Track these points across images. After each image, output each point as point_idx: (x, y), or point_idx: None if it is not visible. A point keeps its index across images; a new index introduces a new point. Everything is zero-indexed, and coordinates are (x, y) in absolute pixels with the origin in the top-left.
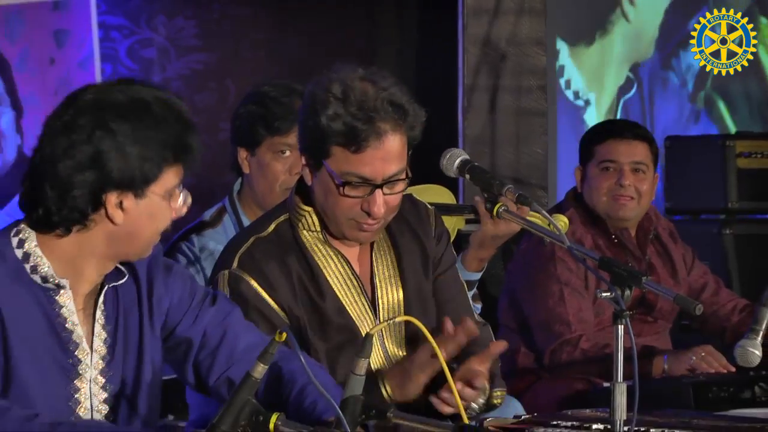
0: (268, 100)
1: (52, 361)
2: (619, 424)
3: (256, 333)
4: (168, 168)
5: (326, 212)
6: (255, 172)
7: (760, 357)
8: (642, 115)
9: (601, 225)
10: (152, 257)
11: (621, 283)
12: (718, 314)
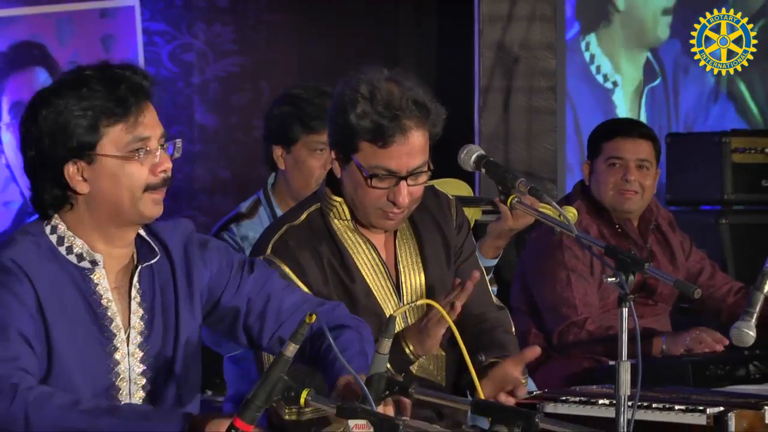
0: (302, 101)
1: (90, 337)
2: (624, 399)
3: (297, 292)
4: (108, 128)
5: (355, 202)
6: (291, 168)
7: (754, 337)
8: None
9: (606, 215)
10: (186, 237)
11: (625, 269)
12: (714, 296)
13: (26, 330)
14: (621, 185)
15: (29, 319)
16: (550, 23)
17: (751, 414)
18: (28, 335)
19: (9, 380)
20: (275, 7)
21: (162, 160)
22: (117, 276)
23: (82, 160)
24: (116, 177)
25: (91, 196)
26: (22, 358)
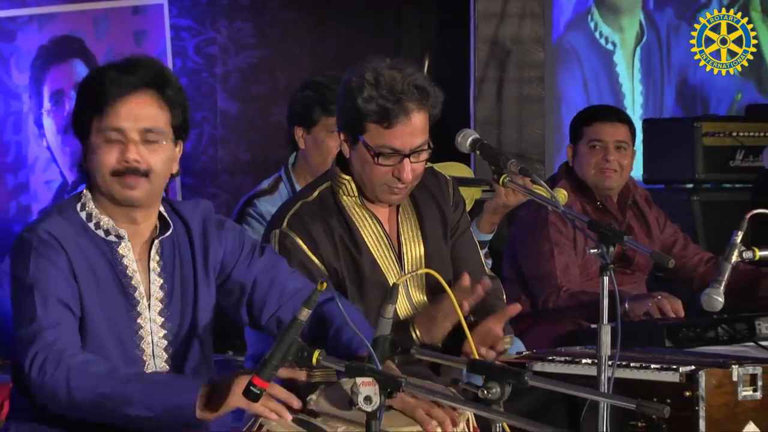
0: (323, 87)
1: (118, 303)
2: (604, 359)
3: (300, 279)
4: (91, 115)
5: (363, 179)
6: (311, 148)
7: (723, 303)
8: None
9: (589, 193)
10: (205, 216)
11: (606, 241)
12: (686, 266)
13: (65, 295)
14: (602, 165)
15: (66, 285)
16: (539, 20)
17: (719, 372)
18: (67, 300)
19: (54, 346)
20: (290, 6)
21: (130, 150)
22: (141, 249)
23: (85, 139)
24: (95, 154)
25: (90, 169)
26: (63, 323)
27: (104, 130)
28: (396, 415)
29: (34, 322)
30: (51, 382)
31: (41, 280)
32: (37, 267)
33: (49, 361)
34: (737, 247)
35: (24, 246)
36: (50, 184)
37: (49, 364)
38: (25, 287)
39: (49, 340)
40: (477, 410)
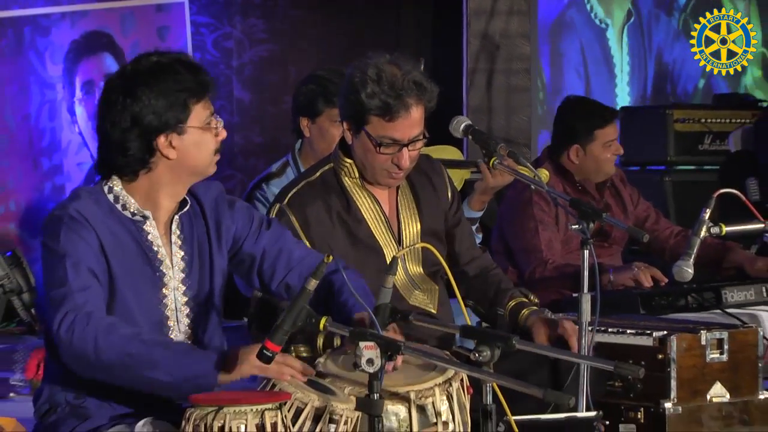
0: (325, 80)
1: (144, 275)
2: (585, 325)
3: (304, 247)
4: (194, 105)
5: (365, 165)
6: (316, 136)
7: (692, 274)
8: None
9: (570, 176)
10: (217, 197)
11: (587, 218)
12: (659, 239)
13: (93, 266)
14: (613, 159)
15: (94, 258)
16: (525, 16)
17: (689, 337)
18: (95, 270)
19: (83, 308)
20: (299, 4)
21: (220, 128)
22: (164, 226)
23: (174, 132)
24: (199, 144)
25: (176, 160)
26: (92, 288)
27: (208, 117)
28: (396, 376)
29: (65, 286)
30: (79, 341)
31: (72, 250)
32: (68, 239)
33: (78, 321)
34: (705, 223)
35: (55, 221)
36: (82, 166)
37: (78, 323)
38: (57, 256)
39: (78, 302)
40: (469, 371)
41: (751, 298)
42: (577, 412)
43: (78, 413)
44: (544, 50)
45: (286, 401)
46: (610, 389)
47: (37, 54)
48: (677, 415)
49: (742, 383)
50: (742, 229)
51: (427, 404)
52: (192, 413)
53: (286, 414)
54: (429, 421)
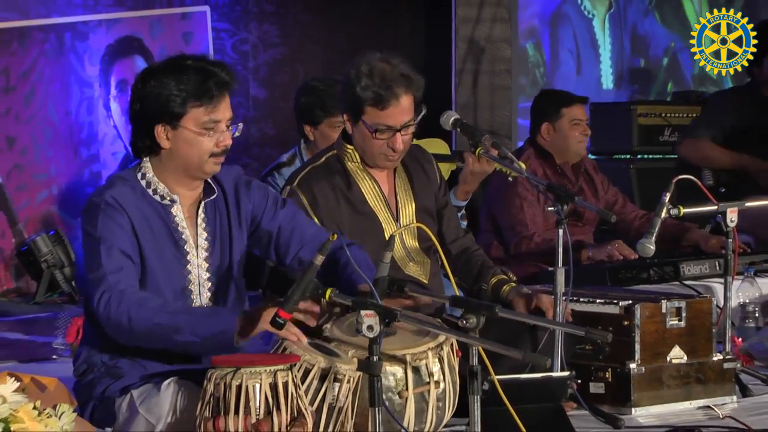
0: (320, 92)
1: (171, 253)
2: (559, 295)
3: (315, 225)
4: (192, 108)
5: (364, 150)
6: (318, 139)
7: (654, 250)
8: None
9: (550, 160)
10: (237, 178)
11: (561, 201)
12: (625, 220)
13: (126, 247)
14: (580, 138)
15: (127, 240)
16: (507, 23)
17: (651, 305)
18: (127, 251)
19: (117, 286)
20: (308, 12)
21: (225, 138)
22: (189, 209)
23: (169, 125)
24: (190, 143)
25: (171, 151)
26: (124, 268)
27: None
28: (393, 340)
29: (101, 269)
30: (115, 316)
31: (106, 235)
32: (104, 225)
33: (113, 299)
34: (665, 206)
35: (93, 208)
36: (116, 155)
37: (113, 301)
38: (94, 240)
39: (112, 282)
40: (458, 336)
41: (706, 271)
42: (552, 373)
43: (112, 373)
44: (544, 35)
45: (295, 363)
46: (581, 352)
47: (76, 56)
48: (641, 374)
49: (698, 346)
50: (698, 211)
51: (421, 365)
52: (213, 373)
53: (296, 374)
54: (423, 380)
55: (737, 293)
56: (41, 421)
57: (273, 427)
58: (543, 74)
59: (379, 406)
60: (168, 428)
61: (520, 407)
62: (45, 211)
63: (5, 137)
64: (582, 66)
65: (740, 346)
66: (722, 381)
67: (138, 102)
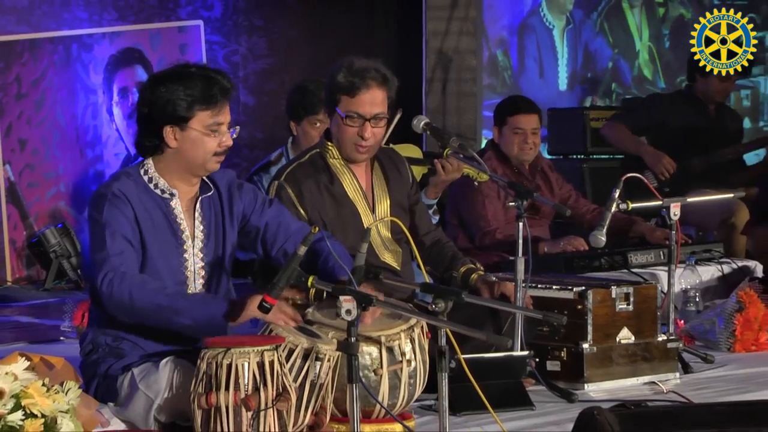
0: (306, 92)
1: (169, 243)
2: (519, 282)
3: (299, 221)
4: (199, 111)
5: (338, 140)
6: (300, 136)
7: (604, 241)
8: (575, 36)
9: (509, 161)
10: (230, 180)
11: (521, 196)
12: (578, 214)
13: (128, 234)
14: (522, 146)
15: (130, 228)
16: (472, 37)
17: (602, 291)
18: (129, 238)
19: (120, 269)
20: (293, 26)
21: (226, 138)
22: (187, 204)
23: (177, 126)
24: (196, 143)
25: (177, 150)
26: (126, 252)
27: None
28: (368, 324)
29: (104, 251)
30: (117, 294)
31: (111, 221)
32: (109, 212)
33: (116, 279)
34: (615, 201)
35: (100, 198)
36: (118, 155)
37: (116, 280)
38: (99, 225)
39: (115, 263)
40: (428, 319)
41: (652, 260)
42: (513, 352)
43: (115, 353)
44: (512, 44)
45: (281, 344)
46: (539, 333)
47: (82, 66)
48: (593, 353)
49: (644, 328)
50: (644, 206)
51: (394, 346)
52: (206, 353)
53: (281, 353)
54: (396, 359)
55: (680, 280)
56: (49, 397)
57: (260, 401)
58: (510, 76)
59: (356, 383)
60: (165, 403)
61: (483, 383)
62: (53, 207)
63: (18, 139)
64: (544, 70)
65: (682, 328)
66: (666, 359)
67: (146, 106)
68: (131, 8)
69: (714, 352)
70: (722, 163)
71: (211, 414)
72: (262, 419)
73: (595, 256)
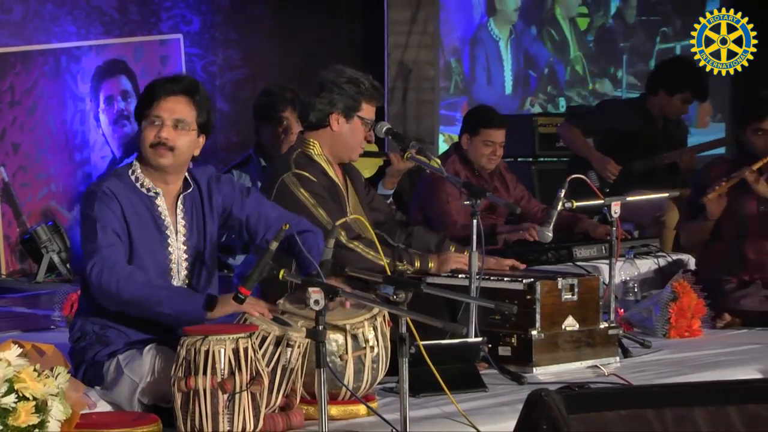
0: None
1: (154, 236)
2: (473, 274)
3: (278, 208)
4: (143, 107)
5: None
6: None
7: (551, 237)
8: (517, 46)
9: (469, 164)
10: (209, 175)
11: (476, 196)
12: (529, 212)
13: (117, 229)
14: (490, 156)
15: (118, 223)
16: (430, 49)
17: (549, 282)
18: (118, 232)
19: (108, 260)
20: (265, 40)
21: (162, 131)
22: (171, 201)
23: (139, 125)
24: (141, 136)
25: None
26: (115, 245)
27: (150, 117)
28: (335, 312)
29: (96, 242)
30: (105, 284)
31: (102, 216)
32: (99, 208)
33: (105, 269)
34: (561, 200)
35: (91, 195)
36: (104, 158)
37: (105, 270)
38: (91, 220)
39: (105, 254)
40: (389, 309)
41: (594, 254)
42: (467, 338)
43: (101, 340)
44: (464, 53)
45: (254, 332)
46: (492, 321)
47: (71, 76)
48: (541, 339)
49: (587, 316)
50: (587, 204)
51: (358, 333)
52: (185, 340)
53: (254, 341)
54: (360, 345)
55: (620, 272)
56: (40, 381)
57: (235, 385)
58: (462, 80)
59: (323, 367)
60: (148, 386)
61: (441, 367)
62: (45, 205)
63: (11, 143)
64: (491, 76)
65: (622, 316)
66: (607, 344)
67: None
68: (116, 23)
69: (651, 338)
70: (661, 167)
71: (190, 396)
72: (237, 401)
73: (542, 251)
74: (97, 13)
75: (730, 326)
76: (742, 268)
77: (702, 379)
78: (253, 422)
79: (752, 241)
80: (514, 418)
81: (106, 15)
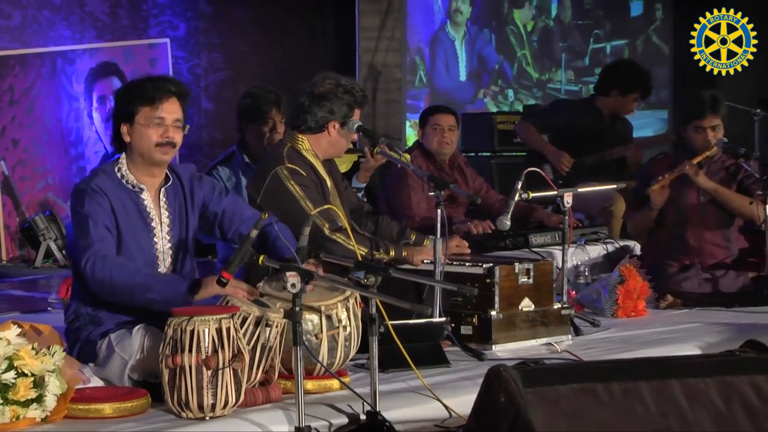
0: (257, 97)
1: (141, 228)
2: (437, 259)
3: (252, 209)
4: (141, 107)
5: (338, 144)
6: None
7: (509, 225)
8: (471, 45)
9: (432, 158)
10: (192, 173)
11: (440, 187)
12: (488, 202)
13: (107, 223)
14: (440, 140)
15: (108, 218)
16: (398, 53)
17: (507, 267)
18: (108, 226)
19: (100, 252)
20: (246, 45)
21: (168, 131)
22: (154, 194)
23: (128, 123)
24: (142, 136)
25: (131, 143)
26: (106, 239)
27: (152, 118)
28: (311, 294)
29: (88, 238)
30: (99, 275)
31: (93, 212)
32: (90, 205)
33: (98, 262)
34: (518, 191)
35: (81, 192)
36: (97, 153)
37: (98, 263)
38: (82, 216)
39: (97, 248)
40: (360, 291)
41: (549, 241)
42: (432, 318)
43: (94, 321)
44: (426, 51)
45: (236, 312)
46: (454, 303)
47: (66, 77)
48: (499, 319)
49: (542, 298)
50: (542, 196)
51: (332, 314)
52: (172, 321)
53: (236, 321)
54: (334, 325)
55: (572, 257)
56: (38, 359)
57: (218, 361)
58: (426, 73)
59: (300, 345)
60: (137, 363)
61: (407, 345)
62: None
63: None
64: (449, 68)
65: (574, 298)
66: (560, 324)
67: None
68: (108, 28)
69: (600, 317)
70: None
71: (176, 372)
72: (220, 377)
73: (500, 238)
74: (90, 19)
75: (672, 307)
76: (683, 253)
77: (647, 355)
78: (234, 396)
79: (692, 229)
80: (475, 392)
81: (99, 21)
